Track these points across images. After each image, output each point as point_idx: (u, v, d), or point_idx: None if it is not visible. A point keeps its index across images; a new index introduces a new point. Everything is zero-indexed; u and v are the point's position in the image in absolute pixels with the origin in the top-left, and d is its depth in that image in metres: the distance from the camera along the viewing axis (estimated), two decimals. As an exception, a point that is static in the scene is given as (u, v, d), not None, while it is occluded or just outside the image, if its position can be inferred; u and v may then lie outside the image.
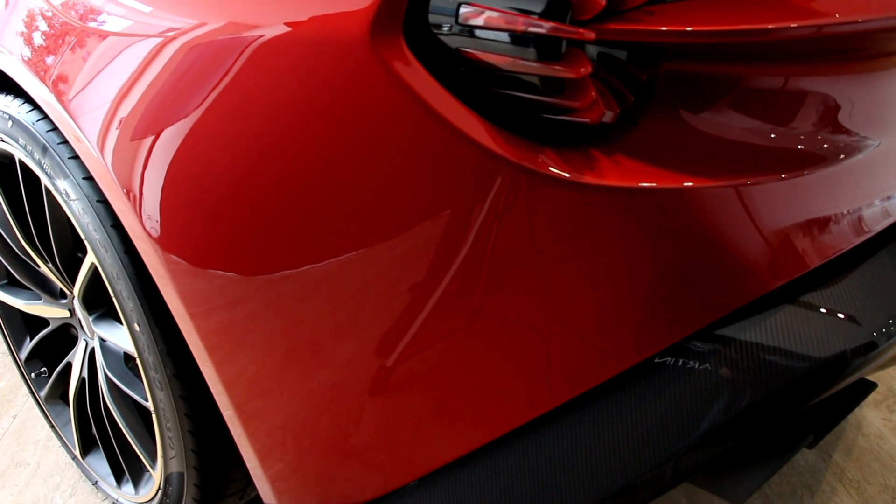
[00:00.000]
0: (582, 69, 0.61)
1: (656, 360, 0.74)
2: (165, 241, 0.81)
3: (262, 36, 0.69)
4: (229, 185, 0.74)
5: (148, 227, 0.81)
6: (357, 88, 0.65)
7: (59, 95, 0.89)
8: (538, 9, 0.60)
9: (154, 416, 1.01)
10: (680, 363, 0.74)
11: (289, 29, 0.67)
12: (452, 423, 0.79)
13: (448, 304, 0.72)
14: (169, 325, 0.90)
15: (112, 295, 0.96)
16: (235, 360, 0.83)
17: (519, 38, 0.61)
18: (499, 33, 0.61)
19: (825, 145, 0.81)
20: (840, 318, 0.78)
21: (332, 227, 0.71)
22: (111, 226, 0.92)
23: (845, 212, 0.85)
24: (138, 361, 0.97)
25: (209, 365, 0.84)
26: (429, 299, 0.73)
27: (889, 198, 0.91)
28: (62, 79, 0.89)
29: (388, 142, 0.66)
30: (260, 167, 0.72)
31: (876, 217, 0.88)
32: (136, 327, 0.93)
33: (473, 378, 0.75)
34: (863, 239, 0.85)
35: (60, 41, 0.90)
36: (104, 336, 1.17)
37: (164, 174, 0.78)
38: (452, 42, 0.64)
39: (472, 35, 0.63)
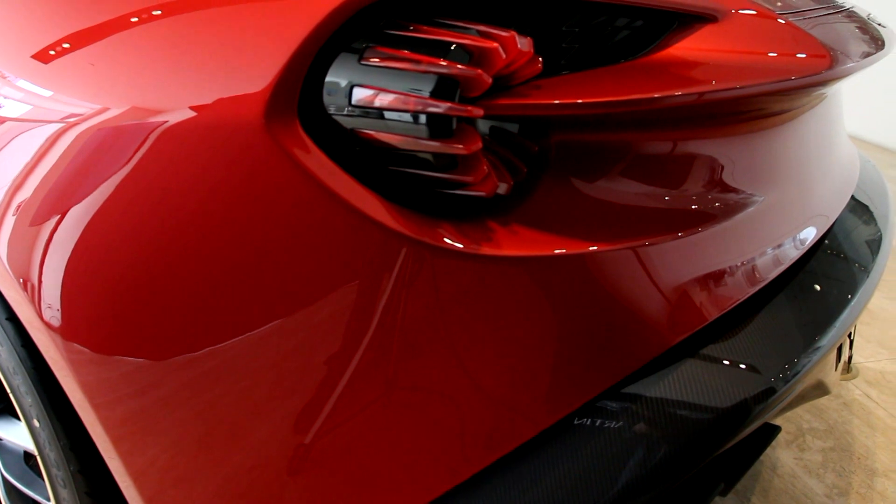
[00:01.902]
0: (473, 145, 0.63)
1: (568, 421, 0.75)
2: (67, 331, 0.78)
3: (166, 122, 0.68)
4: (135, 270, 0.73)
5: (47, 318, 0.79)
6: (256, 172, 0.65)
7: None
8: (428, 89, 0.62)
9: (59, 516, 0.97)
10: (591, 423, 0.75)
11: (193, 113, 0.67)
12: (373, 496, 0.78)
13: (363, 377, 0.72)
14: (71, 419, 0.87)
15: (9, 391, 0.92)
16: (145, 451, 0.81)
17: (410, 118, 0.63)
18: (391, 113, 0.63)
19: (716, 203, 0.85)
20: (739, 366, 0.82)
21: (241, 307, 0.71)
22: (6, 319, 0.89)
23: (739, 263, 0.89)
24: (39, 459, 0.93)
25: (115, 457, 0.81)
26: (343, 373, 0.72)
27: (779, 246, 0.96)
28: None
29: (290, 224, 0.66)
30: (165, 251, 0.71)
31: (768, 266, 0.93)
32: (36, 423, 0.90)
33: (392, 449, 0.75)
34: (757, 288, 0.89)
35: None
36: (0, 435, 1.12)
37: (65, 261, 0.77)
38: (348, 123, 0.66)
39: (366, 116, 0.64)
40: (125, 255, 0.73)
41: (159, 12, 0.74)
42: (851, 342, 1.18)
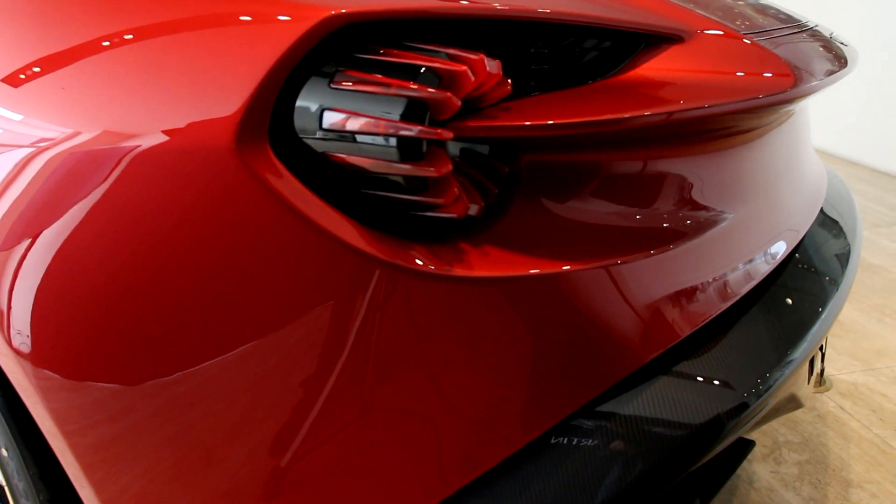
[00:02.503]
0: (443, 167, 0.63)
1: (544, 440, 0.75)
2: (37, 357, 0.78)
3: (138, 146, 0.68)
4: (107, 295, 0.73)
5: (17, 344, 0.78)
6: (228, 197, 0.65)
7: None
8: (398, 112, 0.62)
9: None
10: (567, 441, 0.75)
11: (166, 138, 0.67)
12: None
13: (338, 399, 0.72)
14: (41, 447, 0.86)
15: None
16: (118, 478, 0.80)
17: (380, 141, 0.63)
18: (361, 137, 0.64)
19: (687, 221, 0.86)
20: (712, 382, 0.82)
21: (215, 331, 0.71)
22: (-27, 346, 0.88)
23: (711, 280, 0.90)
24: (7, 490, 0.92)
25: (87, 486, 0.80)
26: (318, 396, 0.72)
27: (750, 261, 0.98)
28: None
29: (262, 248, 0.66)
30: (137, 276, 0.71)
31: (739, 281, 0.94)
32: (4, 452, 0.88)
33: (369, 470, 0.74)
34: (729, 303, 0.90)
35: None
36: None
37: (35, 286, 0.76)
38: (319, 146, 0.66)
39: (337, 139, 0.65)
40: (97, 280, 0.72)
41: (131, 36, 0.74)
42: (823, 355, 1.20)
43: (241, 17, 0.69)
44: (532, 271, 0.70)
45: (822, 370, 1.24)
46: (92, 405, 0.77)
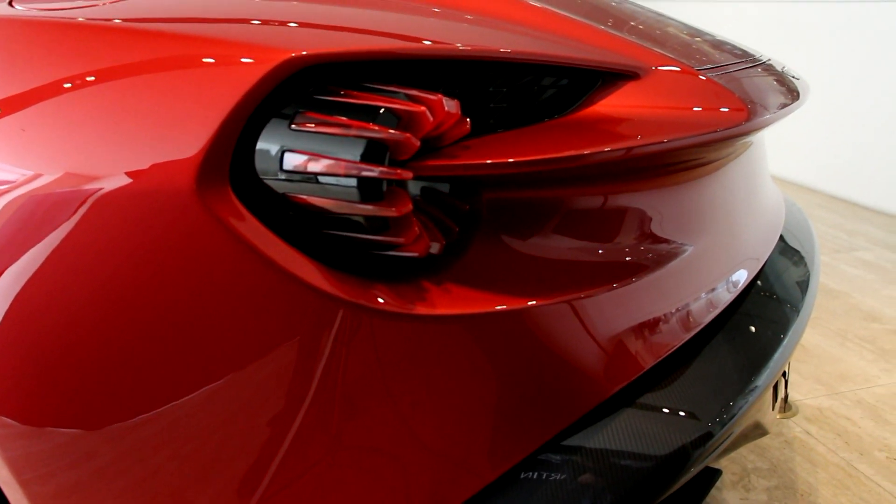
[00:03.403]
0: (403, 207, 0.64)
1: (513, 475, 0.75)
2: (-6, 404, 0.76)
3: (101, 189, 0.68)
4: (68, 339, 0.72)
5: (-29, 391, 0.76)
6: (190, 239, 0.65)
7: None
8: (357, 153, 0.63)
9: None
10: (535, 475, 0.75)
11: (129, 180, 0.67)
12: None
13: (306, 439, 0.71)
14: (-2, 498, 0.84)
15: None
16: (79, 526, 0.78)
17: (341, 182, 0.63)
18: (321, 178, 0.64)
19: (649, 254, 0.88)
20: (676, 412, 0.83)
21: (178, 374, 0.70)
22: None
23: (673, 310, 0.91)
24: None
25: (46, 536, 0.78)
26: (285, 436, 0.72)
27: (712, 291, 0.99)
28: None
29: (225, 290, 0.66)
30: (98, 319, 0.70)
31: (702, 311, 0.95)
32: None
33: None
34: (692, 333, 0.91)
35: None
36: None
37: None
38: (280, 188, 0.66)
39: (298, 180, 0.65)
40: (56, 325, 0.72)
41: (93, 78, 0.74)
42: (787, 381, 1.21)
43: (203, 59, 0.69)
44: (495, 308, 0.70)
45: (787, 395, 1.25)
46: (51, 452, 0.76)
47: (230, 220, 0.64)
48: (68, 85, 0.75)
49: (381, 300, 0.67)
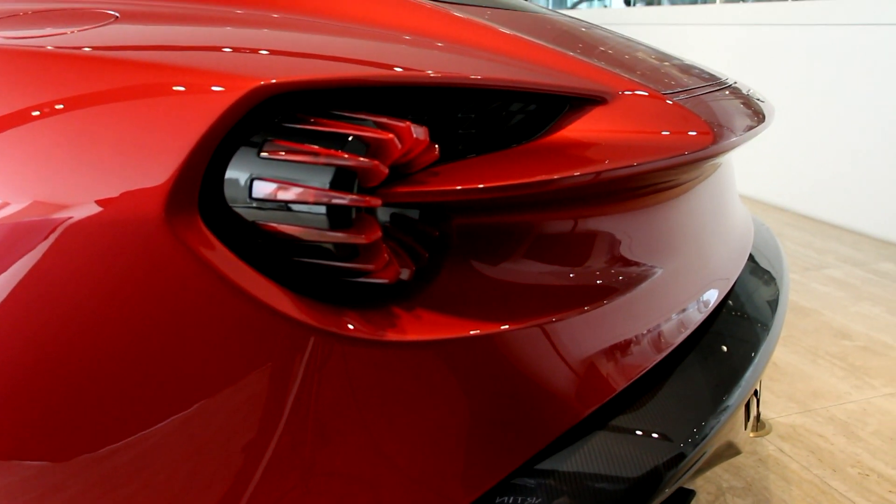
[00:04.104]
0: (372, 234, 0.64)
1: (488, 499, 0.75)
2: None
3: (70, 217, 0.67)
4: (35, 367, 0.71)
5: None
6: (159, 268, 0.65)
7: None
8: (326, 180, 0.63)
9: None
10: (510, 500, 0.75)
11: (99, 209, 0.66)
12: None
13: (279, 466, 0.71)
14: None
15: None
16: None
17: (310, 210, 0.64)
18: (291, 206, 0.64)
19: (620, 277, 0.88)
20: (648, 434, 0.83)
21: (149, 403, 0.69)
22: None
23: (645, 332, 0.91)
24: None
25: (13, 572, 0.77)
26: (260, 462, 0.71)
27: (683, 311, 1.00)
28: None
29: (196, 318, 0.66)
30: (67, 349, 0.69)
31: (673, 332, 0.96)
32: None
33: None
34: (664, 354, 0.92)
35: None
36: None
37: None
38: (249, 215, 0.66)
39: (267, 208, 0.65)
40: (23, 354, 0.71)
41: (61, 106, 0.73)
42: (758, 399, 1.22)
43: (172, 87, 0.69)
44: (466, 333, 0.71)
45: (759, 414, 1.26)
46: (19, 485, 0.74)
47: (199, 248, 0.64)
48: (37, 113, 0.74)
49: (351, 327, 0.67)
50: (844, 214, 3.92)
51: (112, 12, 0.89)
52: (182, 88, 0.69)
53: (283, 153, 0.65)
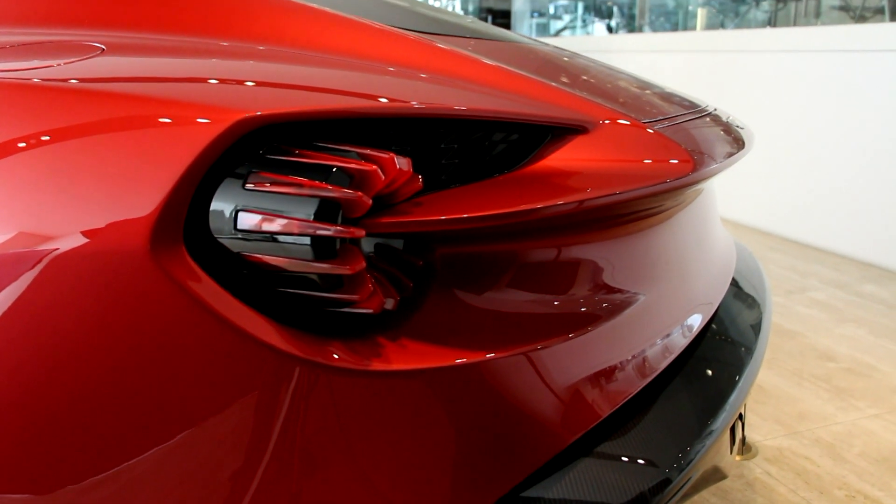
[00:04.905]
0: (356, 265, 0.65)
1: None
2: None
3: (56, 249, 0.67)
4: (19, 399, 0.70)
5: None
6: (145, 300, 0.65)
7: None
8: (310, 212, 0.64)
9: None
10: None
11: (85, 240, 0.67)
12: None
13: (267, 495, 0.71)
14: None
15: None
16: None
17: (294, 241, 0.64)
18: (275, 237, 0.65)
19: (604, 304, 0.89)
20: (634, 459, 0.84)
21: (137, 433, 0.69)
22: None
23: (629, 358, 0.92)
24: None
25: None
26: (247, 492, 0.71)
27: (667, 336, 1.01)
28: None
29: (181, 349, 0.66)
30: (54, 379, 0.69)
31: (657, 357, 0.97)
32: None
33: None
34: (648, 380, 0.93)
35: None
36: None
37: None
38: (234, 247, 0.66)
39: (252, 239, 0.66)
40: (7, 386, 0.70)
41: (48, 138, 0.74)
42: (743, 423, 1.23)
43: (157, 119, 0.70)
44: (451, 362, 0.71)
45: (744, 437, 1.27)
46: (1, 519, 0.74)
47: (184, 279, 0.64)
48: (23, 144, 0.75)
49: (336, 357, 0.67)
50: (827, 237, 3.96)
51: (98, 45, 0.90)
52: (168, 120, 0.69)
53: (268, 185, 0.65)
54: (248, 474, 0.70)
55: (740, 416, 1.17)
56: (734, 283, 1.34)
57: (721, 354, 1.16)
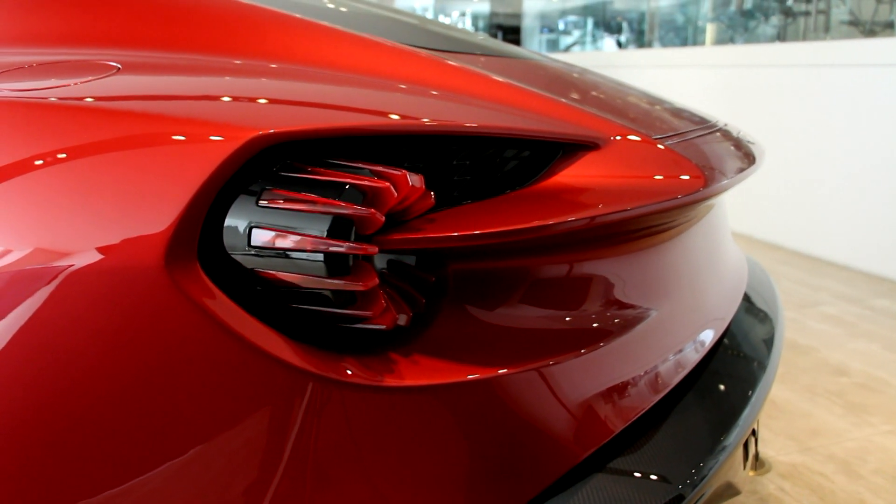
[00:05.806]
0: (370, 281, 0.65)
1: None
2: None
3: (72, 265, 0.68)
4: (35, 415, 0.71)
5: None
6: (159, 316, 0.66)
7: None
8: (323, 229, 0.64)
9: None
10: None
11: (100, 256, 0.67)
12: None
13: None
14: None
15: None
16: None
17: (307, 257, 0.65)
18: (289, 253, 0.65)
19: (616, 319, 0.89)
20: (647, 475, 0.83)
21: (151, 449, 0.69)
22: None
23: (642, 373, 0.92)
24: None
25: None
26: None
27: (679, 352, 1.00)
28: None
29: (195, 366, 0.66)
30: (69, 395, 0.70)
31: (670, 373, 0.97)
32: None
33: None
34: (660, 395, 0.92)
35: None
36: None
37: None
38: (248, 263, 0.67)
39: (265, 256, 0.66)
40: (23, 402, 0.71)
41: (64, 155, 0.75)
42: (756, 438, 1.22)
43: (172, 137, 0.71)
44: (463, 378, 0.71)
45: (757, 453, 1.26)
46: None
47: (199, 295, 0.65)
48: (40, 162, 0.76)
49: (349, 372, 0.67)
50: (838, 251, 3.94)
51: (114, 64, 0.91)
52: (182, 138, 0.70)
53: (282, 202, 0.66)
54: (262, 490, 0.70)
55: (753, 432, 1.16)
56: (746, 297, 1.34)
57: (734, 369, 1.16)
